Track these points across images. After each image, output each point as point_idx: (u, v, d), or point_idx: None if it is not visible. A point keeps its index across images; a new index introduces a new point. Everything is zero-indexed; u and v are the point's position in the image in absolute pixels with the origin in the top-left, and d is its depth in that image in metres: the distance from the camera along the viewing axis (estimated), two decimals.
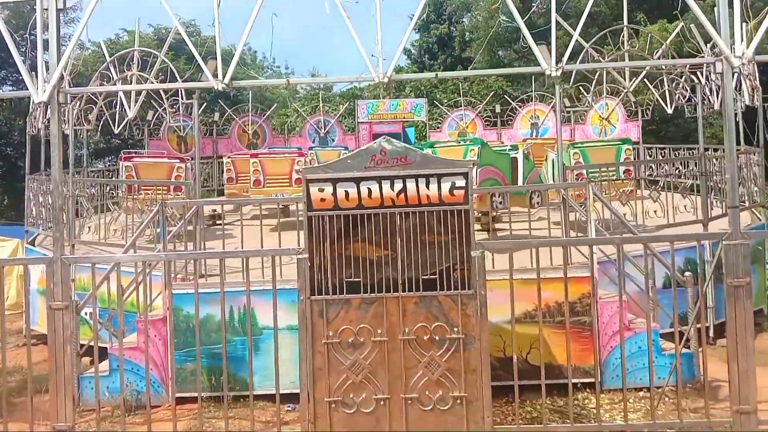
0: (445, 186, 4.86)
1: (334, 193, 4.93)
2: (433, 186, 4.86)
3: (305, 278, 4.87)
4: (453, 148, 10.59)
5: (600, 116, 18.73)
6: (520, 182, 9.87)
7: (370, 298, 4.88)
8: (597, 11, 27.41)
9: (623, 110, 18.58)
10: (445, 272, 4.87)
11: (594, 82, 12.67)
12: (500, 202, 9.66)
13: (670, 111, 15.71)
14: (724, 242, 4.76)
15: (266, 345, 6.54)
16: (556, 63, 5.05)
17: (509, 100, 22.03)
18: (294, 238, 7.52)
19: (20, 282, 14.40)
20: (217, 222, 11.90)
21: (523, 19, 5.39)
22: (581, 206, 7.88)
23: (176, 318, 6.66)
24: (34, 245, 11.17)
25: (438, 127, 22.28)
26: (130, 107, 9.46)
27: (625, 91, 12.92)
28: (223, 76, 4.89)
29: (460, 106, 22.47)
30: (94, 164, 26.12)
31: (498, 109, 21.00)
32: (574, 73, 11.26)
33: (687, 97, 15.57)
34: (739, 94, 10.69)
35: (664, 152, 16.82)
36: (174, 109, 10.35)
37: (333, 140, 21.40)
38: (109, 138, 27.40)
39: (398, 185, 4.88)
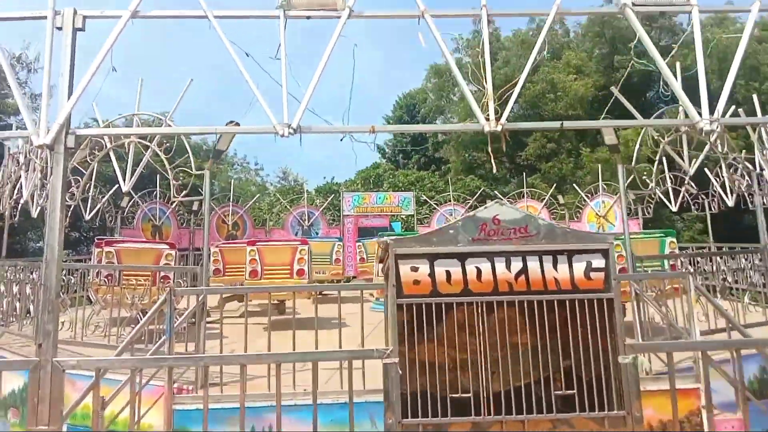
0: (579, 267, 3.66)
1: (432, 274, 3.66)
2: (563, 266, 3.65)
3: (394, 392, 3.49)
4: None
5: (596, 213, 18.14)
6: None
7: (483, 423, 3.51)
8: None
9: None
10: (585, 385, 3.57)
11: (656, 163, 11.85)
12: None
13: (674, 209, 15.15)
14: None
15: None
16: (710, 114, 3.99)
17: (500, 196, 21.42)
18: (289, 339, 6.19)
19: None
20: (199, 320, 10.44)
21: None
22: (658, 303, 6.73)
23: None
24: None
25: (426, 222, 21.38)
26: (125, 180, 8.10)
27: (680, 175, 12.07)
28: (287, 124, 3.69)
29: (449, 201, 21.74)
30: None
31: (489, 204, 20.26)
32: (635, 155, 10.33)
33: (693, 195, 15.09)
34: None
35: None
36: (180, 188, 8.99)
37: (317, 233, 20.26)
38: (66, 229, 25.71)
39: (517, 264, 3.65)
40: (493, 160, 4.46)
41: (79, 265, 10.59)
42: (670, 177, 14.18)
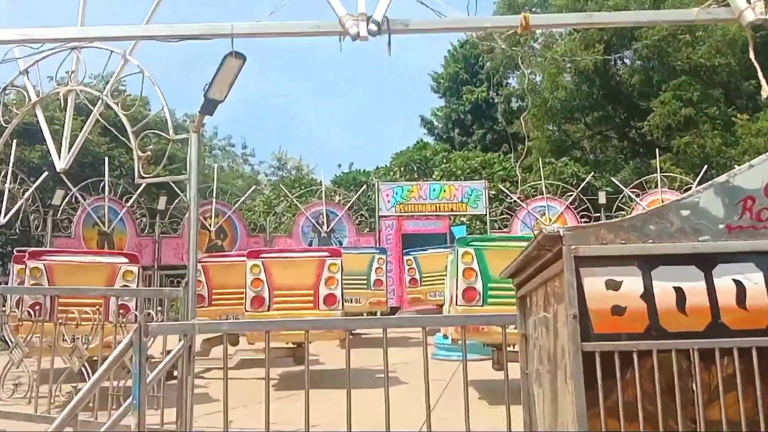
0: None
1: (649, 294, 2.78)
2: None
3: None
4: None
5: None
6: None
7: None
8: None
9: None
10: None
11: None
12: None
13: None
14: None
15: None
16: None
17: (620, 185, 20.51)
18: (314, 403, 5.49)
19: None
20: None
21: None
22: None
23: None
24: None
25: (504, 225, 20.53)
26: (60, 155, 7.39)
27: None
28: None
29: (537, 194, 20.90)
30: None
31: (603, 199, 19.43)
32: None
33: None
34: None
35: None
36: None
37: (341, 242, 19.57)
38: None
39: None
40: (761, 76, 3.55)
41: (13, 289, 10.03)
42: None
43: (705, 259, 2.79)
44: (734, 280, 2.78)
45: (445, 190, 20.84)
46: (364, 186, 24.83)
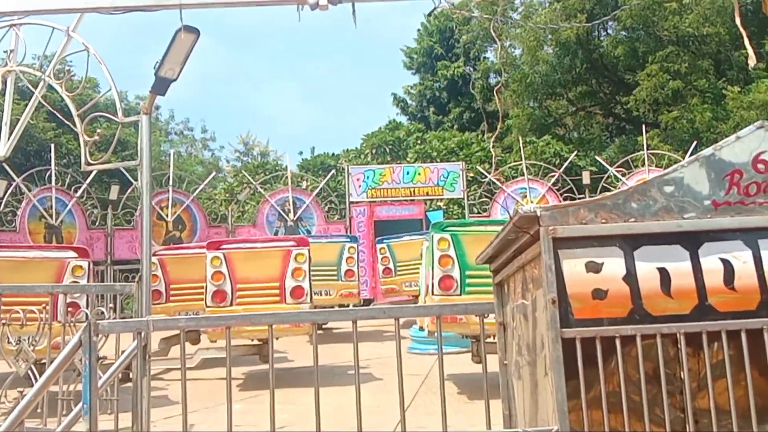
0: None
1: (632, 274, 2.81)
2: None
3: None
4: None
5: None
6: None
7: None
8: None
9: None
10: None
11: None
12: None
13: None
14: None
15: None
16: None
17: (605, 164, 20.62)
18: (282, 403, 5.83)
19: None
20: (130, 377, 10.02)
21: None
22: None
23: None
24: None
25: (483, 209, 20.61)
26: (0, 141, 7.29)
27: None
28: None
29: (518, 176, 21.03)
30: None
31: (587, 179, 19.57)
32: None
33: None
34: None
35: None
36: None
37: (309, 231, 19.63)
38: None
39: None
40: (749, 45, 3.57)
41: None
42: None
43: (690, 237, 2.82)
44: (721, 260, 2.81)
45: (419, 173, 20.89)
46: (333, 170, 24.83)
